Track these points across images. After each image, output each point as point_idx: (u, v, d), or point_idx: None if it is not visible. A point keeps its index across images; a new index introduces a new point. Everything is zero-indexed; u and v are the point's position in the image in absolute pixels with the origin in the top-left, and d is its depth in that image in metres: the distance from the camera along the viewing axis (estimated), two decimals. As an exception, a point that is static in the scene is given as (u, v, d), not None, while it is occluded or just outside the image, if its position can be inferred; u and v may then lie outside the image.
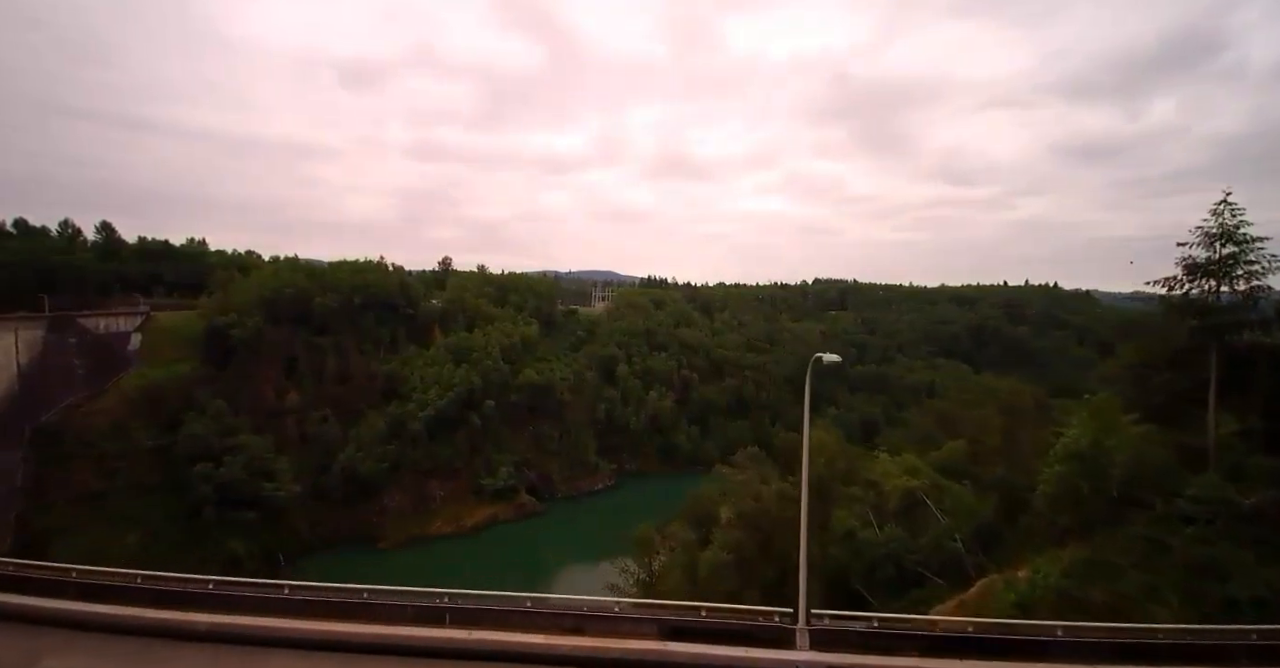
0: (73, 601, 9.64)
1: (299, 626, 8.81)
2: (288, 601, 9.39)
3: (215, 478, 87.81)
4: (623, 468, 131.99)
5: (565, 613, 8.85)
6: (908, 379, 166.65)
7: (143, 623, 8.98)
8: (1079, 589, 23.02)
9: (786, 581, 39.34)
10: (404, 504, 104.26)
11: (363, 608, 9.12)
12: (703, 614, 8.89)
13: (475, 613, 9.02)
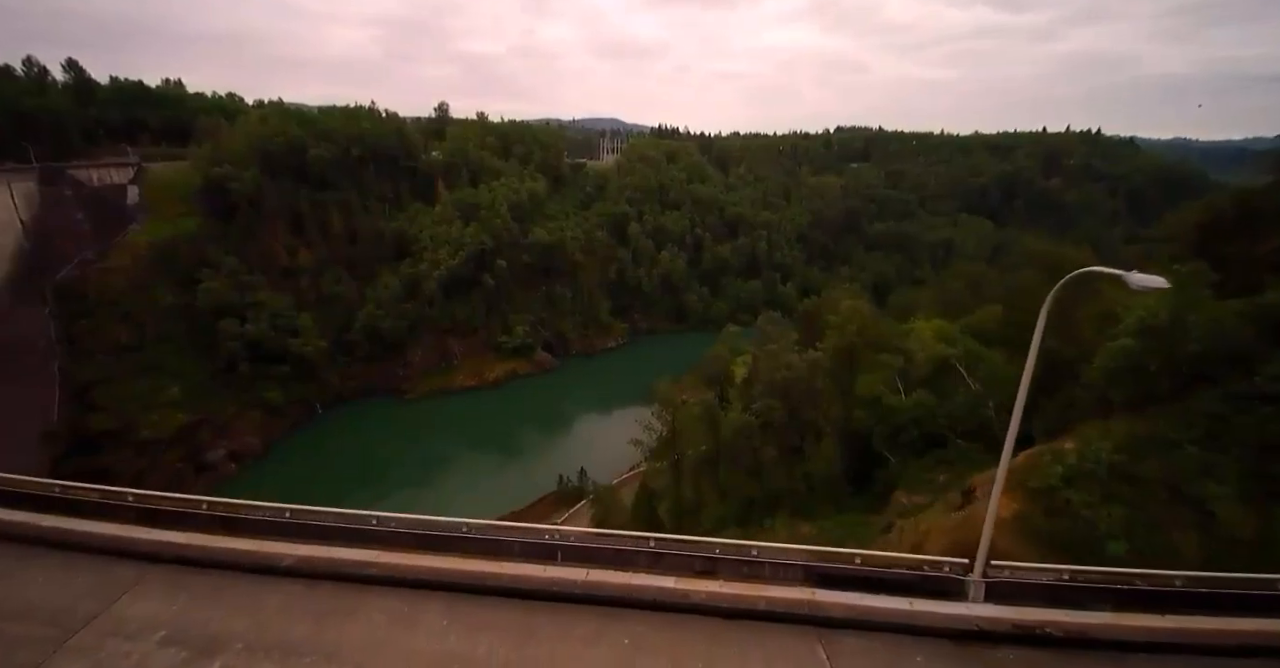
0: (133, 526, 8.38)
1: (396, 560, 7.69)
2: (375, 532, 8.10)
3: (243, 335, 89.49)
4: (635, 327, 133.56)
5: (695, 556, 7.52)
6: (927, 237, 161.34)
7: (219, 556, 7.82)
8: (1131, 464, 22.59)
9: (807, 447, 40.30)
10: (426, 360, 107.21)
11: (462, 543, 7.87)
12: (856, 562, 7.54)
13: (590, 552, 7.74)
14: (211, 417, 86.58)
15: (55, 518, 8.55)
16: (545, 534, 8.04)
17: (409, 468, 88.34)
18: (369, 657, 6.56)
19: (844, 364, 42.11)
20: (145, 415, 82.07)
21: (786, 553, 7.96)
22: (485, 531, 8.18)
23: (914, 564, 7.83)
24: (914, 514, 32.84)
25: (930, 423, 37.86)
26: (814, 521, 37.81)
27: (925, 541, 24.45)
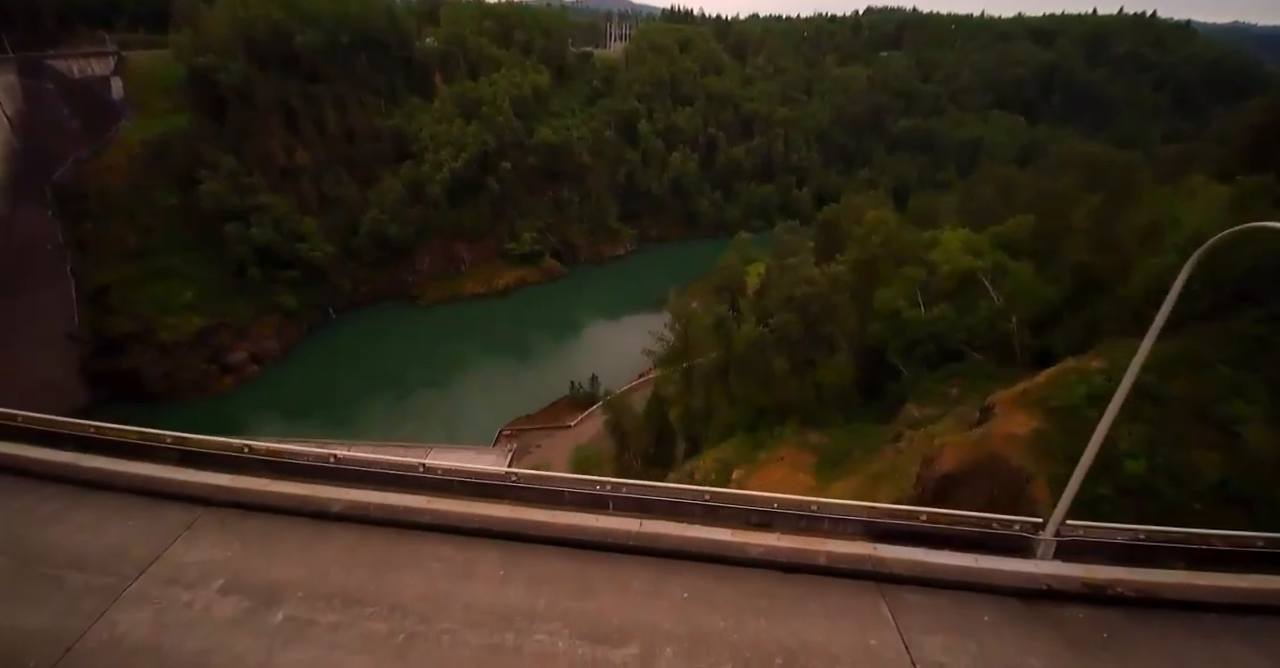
0: (176, 467, 8.16)
1: (447, 507, 7.40)
2: (423, 479, 7.84)
3: (250, 239, 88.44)
4: (644, 234, 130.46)
5: (752, 509, 7.23)
6: (955, 135, 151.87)
7: (269, 500, 7.65)
8: (1159, 384, 22.29)
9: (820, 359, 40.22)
10: (435, 266, 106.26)
11: (511, 491, 7.58)
12: (922, 519, 7.22)
13: (643, 504, 7.47)
14: (229, 320, 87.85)
15: (97, 458, 8.39)
16: (597, 485, 7.82)
17: (426, 370, 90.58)
18: (431, 608, 6.57)
19: (864, 277, 41.09)
20: (163, 319, 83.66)
21: (847, 509, 7.73)
22: (534, 480, 7.97)
23: (982, 522, 7.57)
24: (924, 426, 33.39)
25: (948, 337, 37.52)
26: (823, 429, 38.67)
27: (939, 455, 24.89)
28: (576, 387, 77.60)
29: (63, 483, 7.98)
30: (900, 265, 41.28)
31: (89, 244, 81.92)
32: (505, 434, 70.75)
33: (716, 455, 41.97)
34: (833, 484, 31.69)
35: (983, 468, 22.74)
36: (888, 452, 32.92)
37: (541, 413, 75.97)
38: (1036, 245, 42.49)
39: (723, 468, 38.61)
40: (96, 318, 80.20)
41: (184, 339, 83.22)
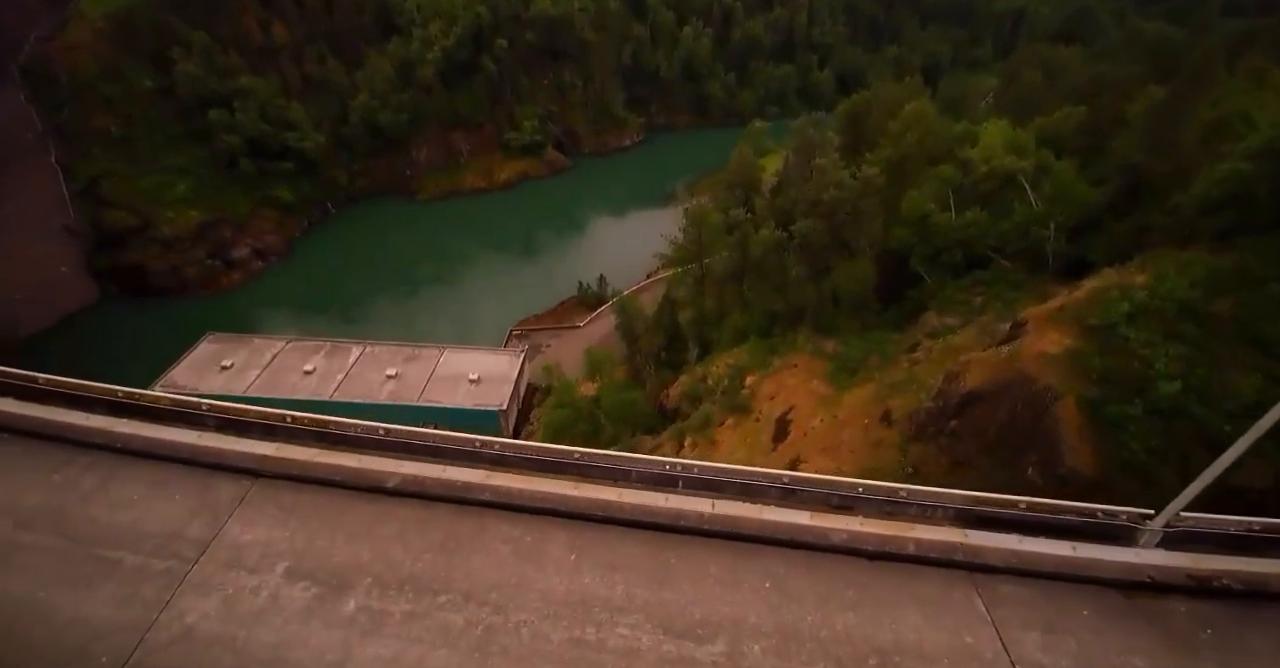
0: (216, 434, 7.59)
1: (509, 484, 6.91)
2: (478, 454, 7.27)
3: (237, 128, 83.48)
4: (651, 122, 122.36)
5: (832, 493, 6.69)
6: (995, 5, 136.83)
7: (320, 472, 7.21)
8: (1204, 303, 21.38)
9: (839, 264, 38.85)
10: (432, 158, 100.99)
11: (575, 468, 7.05)
12: (1020, 507, 6.65)
13: (715, 484, 6.95)
14: (226, 215, 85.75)
15: (132, 423, 7.85)
16: (665, 465, 7.29)
17: (432, 267, 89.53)
18: (505, 596, 6.32)
19: (893, 177, 38.57)
20: (161, 213, 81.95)
21: (938, 496, 7.22)
22: (598, 459, 7.43)
23: (1086, 512, 7.08)
24: (943, 336, 32.92)
25: (978, 244, 35.90)
26: (838, 337, 38.31)
27: (964, 371, 24.61)
28: (584, 287, 76.84)
29: (99, 450, 7.51)
30: (934, 165, 38.51)
31: (70, 133, 78.01)
32: (515, 334, 71.22)
33: (729, 361, 42.08)
34: (847, 393, 31.90)
35: (1008, 386, 22.56)
36: (904, 361, 32.72)
37: (550, 313, 75.94)
38: (1083, 141, 39.38)
39: (736, 374, 38.81)
40: (93, 212, 78.69)
41: (184, 234, 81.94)
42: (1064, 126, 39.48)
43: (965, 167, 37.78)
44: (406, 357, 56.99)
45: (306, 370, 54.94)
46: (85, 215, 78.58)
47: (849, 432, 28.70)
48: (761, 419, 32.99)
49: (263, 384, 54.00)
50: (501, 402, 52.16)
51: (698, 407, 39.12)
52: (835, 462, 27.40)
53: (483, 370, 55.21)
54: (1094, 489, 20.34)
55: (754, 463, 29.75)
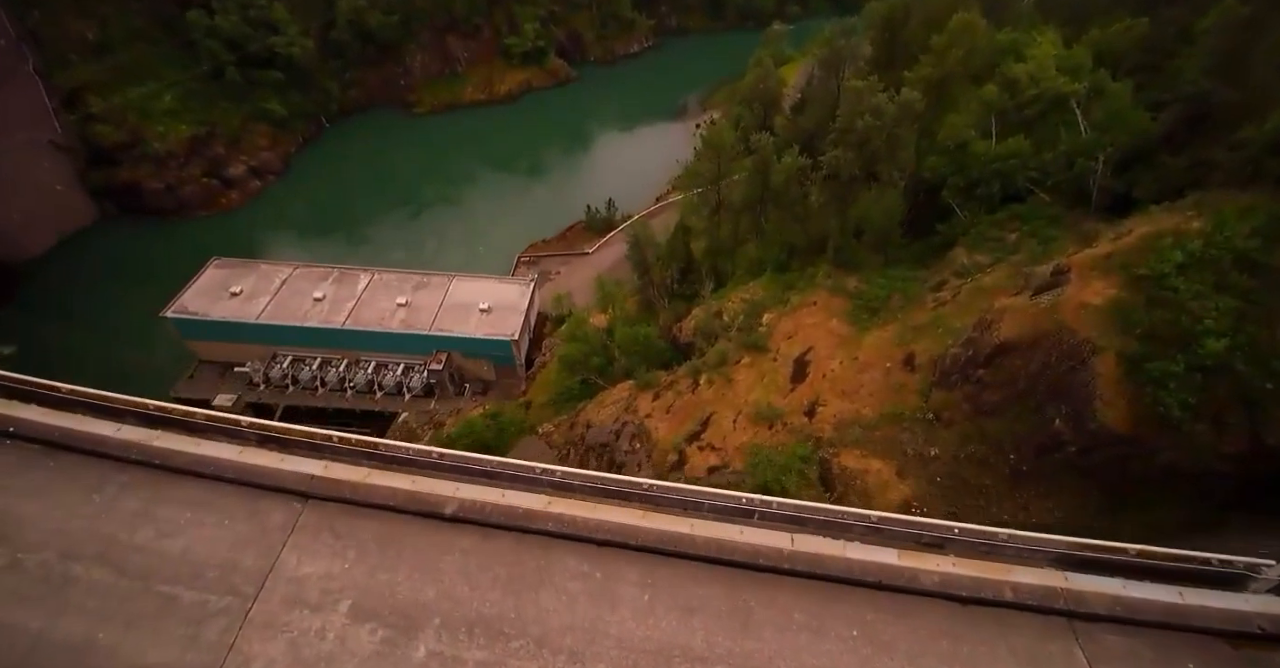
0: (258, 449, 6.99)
1: (573, 512, 6.41)
2: (541, 480, 6.65)
3: (218, 31, 77.55)
4: (662, 24, 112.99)
5: (924, 533, 6.11)
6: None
7: (374, 495, 6.71)
8: (1262, 253, 20.09)
9: (866, 195, 36.69)
10: (428, 66, 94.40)
11: (645, 499, 6.44)
12: (1130, 554, 6.08)
13: (794, 519, 6.35)
14: (217, 129, 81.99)
15: (168, 437, 7.25)
16: (743, 500, 6.69)
17: (436, 186, 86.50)
18: (581, 642, 5.91)
19: (932, 99, 35.59)
20: (150, 126, 78.58)
21: (1040, 542, 6.65)
22: (670, 490, 6.83)
23: (1199, 561, 6.52)
24: (972, 275, 31.67)
25: (1017, 175, 33.69)
26: (860, 272, 37.05)
27: (998, 321, 23.72)
28: (593, 211, 74.20)
29: (136, 467, 6.96)
30: (976, 83, 35.33)
31: (45, 40, 72.85)
32: (523, 261, 69.76)
33: (744, 295, 41.09)
34: (868, 334, 31.18)
35: (1045, 337, 21.78)
36: (929, 301, 31.67)
37: (558, 239, 73.94)
38: (1140, 59, 35.90)
39: (752, 310, 37.96)
40: (80, 126, 75.49)
41: (176, 150, 78.96)
42: (1121, 41, 35.79)
43: (1011, 87, 34.70)
44: (416, 284, 56.11)
45: (316, 297, 54.33)
46: (72, 130, 75.52)
47: (869, 375, 28.31)
48: (779, 359, 32.56)
49: (273, 311, 53.65)
50: (513, 331, 51.89)
51: (712, 342, 38.64)
52: (855, 405, 27.24)
53: (493, 299, 54.51)
54: (1121, 444, 20.17)
55: (770, 403, 29.68)
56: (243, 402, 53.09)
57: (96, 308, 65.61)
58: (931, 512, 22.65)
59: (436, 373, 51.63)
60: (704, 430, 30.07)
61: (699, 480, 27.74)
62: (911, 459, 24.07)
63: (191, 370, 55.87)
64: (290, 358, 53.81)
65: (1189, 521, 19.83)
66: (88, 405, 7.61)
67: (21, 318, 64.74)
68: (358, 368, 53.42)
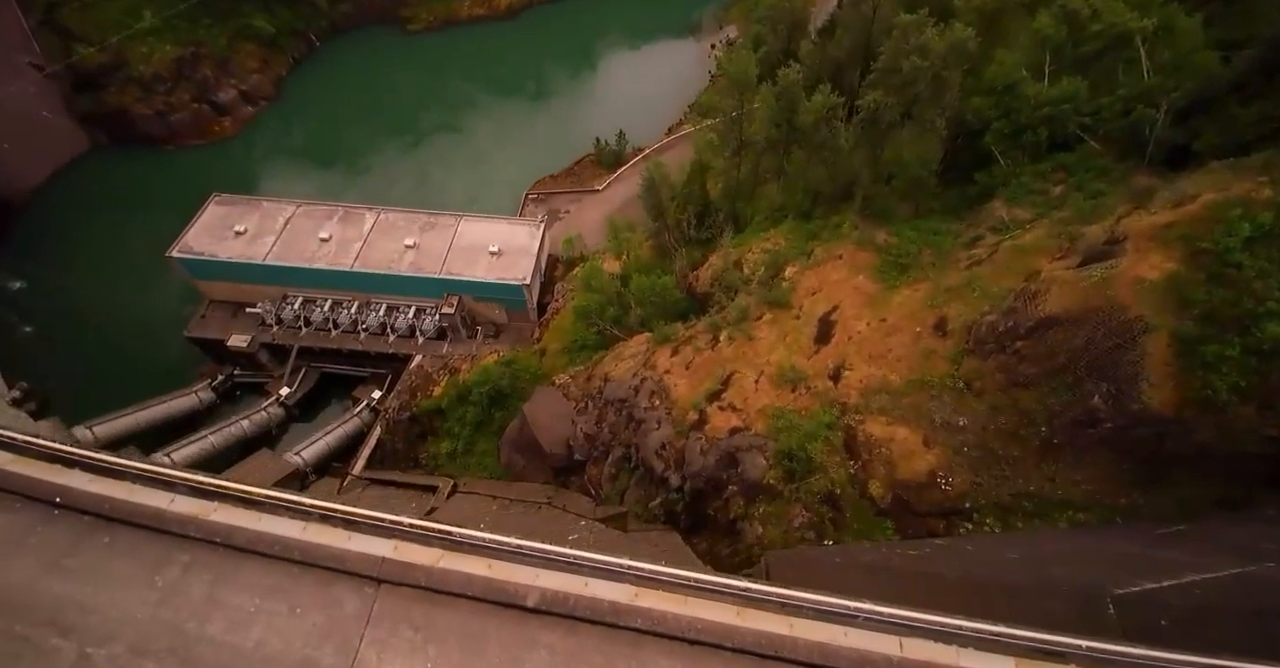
0: (322, 527, 6.31)
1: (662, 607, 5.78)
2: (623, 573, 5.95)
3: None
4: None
5: (1045, 644, 5.45)
6: None
7: (449, 582, 6.02)
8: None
9: (903, 138, 34.13)
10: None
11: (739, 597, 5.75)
12: None
13: (901, 626, 5.67)
14: (204, 50, 76.97)
15: (225, 510, 6.53)
16: (848, 606, 6.00)
17: (436, 113, 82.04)
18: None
19: (981, 32, 32.27)
20: (133, 47, 73.88)
21: (1173, 662, 5.95)
22: (769, 593, 6.13)
23: None
24: (1010, 232, 29.97)
25: (1068, 121, 31.09)
26: (888, 223, 35.20)
27: (1045, 292, 22.45)
28: (602, 144, 70.37)
29: (196, 545, 6.29)
30: (1032, 18, 31.86)
31: (4, -54, 66.69)
32: (531, 198, 67.04)
33: (765, 245, 39.36)
34: (897, 293, 29.90)
35: (1093, 313, 20.65)
36: (962, 258, 30.12)
37: (566, 173, 70.66)
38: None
39: (773, 262, 36.42)
40: (60, 47, 71.11)
41: (163, 72, 74.70)
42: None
43: (1070, 20, 31.31)
44: (423, 225, 54.20)
45: (323, 238, 52.72)
46: (53, 52, 71.13)
47: (898, 339, 27.37)
48: (802, 317, 31.50)
49: (280, 251, 52.24)
50: (525, 276, 50.64)
51: (730, 294, 37.50)
52: (882, 370, 26.52)
53: (503, 242, 52.81)
54: (1164, 425, 19.57)
55: (794, 365, 28.98)
56: (257, 342, 52.88)
57: (98, 242, 64.09)
58: (956, 482, 22.54)
59: (449, 317, 50.90)
60: (725, 390, 29.57)
61: (720, 441, 27.63)
62: (939, 428, 23.65)
63: (203, 310, 55.18)
64: (301, 299, 52.94)
65: (1220, 498, 19.61)
66: (138, 475, 6.90)
67: (24, 252, 63.43)
68: (369, 310, 52.65)
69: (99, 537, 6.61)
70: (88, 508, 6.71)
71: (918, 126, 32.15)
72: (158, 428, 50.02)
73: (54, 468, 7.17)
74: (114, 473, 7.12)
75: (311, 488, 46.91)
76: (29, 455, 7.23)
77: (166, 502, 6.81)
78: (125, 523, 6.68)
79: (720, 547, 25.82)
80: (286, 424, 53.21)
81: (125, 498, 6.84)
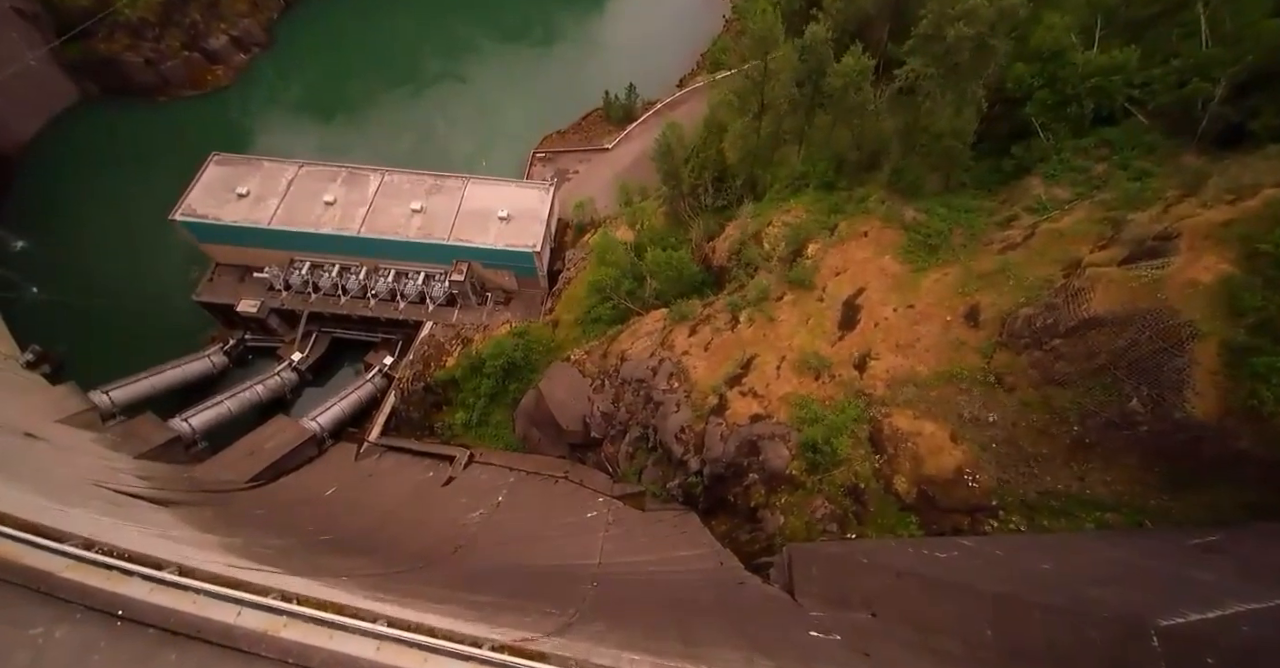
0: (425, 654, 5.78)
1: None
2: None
3: None
4: None
5: None
6: None
7: None
8: None
9: (938, 108, 31.89)
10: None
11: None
12: None
13: None
14: (186, -10, 72.36)
15: (298, 626, 5.96)
16: None
17: (435, 60, 78.00)
18: None
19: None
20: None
21: None
22: None
23: None
24: (1048, 213, 28.58)
25: (1116, 93, 29.08)
26: (917, 199, 33.65)
27: (1090, 290, 21.42)
28: (611, 97, 66.92)
29: (271, 665, 5.76)
30: (1088, -24, 29.20)
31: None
32: (538, 157, 64.43)
33: (785, 218, 37.74)
34: (925, 277, 28.77)
35: (1140, 315, 19.74)
36: (995, 241, 28.82)
37: (575, 129, 67.64)
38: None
39: (795, 237, 34.97)
40: None
41: (150, 17, 70.88)
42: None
43: (1129, -21, 28.74)
44: (429, 188, 52.25)
45: (327, 201, 50.98)
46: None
47: (926, 328, 26.54)
48: (826, 299, 30.53)
49: (285, 215, 50.64)
50: (535, 242, 49.21)
51: (750, 271, 36.35)
52: (909, 361, 25.84)
53: (512, 206, 51.03)
54: (1203, 431, 19.05)
55: (818, 351, 28.28)
56: (267, 307, 52.07)
57: (98, 200, 62.16)
58: (982, 479, 22.30)
59: (458, 284, 49.81)
60: (745, 374, 29.01)
61: (741, 428, 27.29)
62: (967, 423, 23.22)
63: (210, 274, 54.05)
64: (309, 264, 51.73)
65: (1250, 503, 19.35)
66: (209, 593, 6.33)
67: (23, 211, 61.65)
68: (378, 276, 51.52)
69: (166, 654, 6.13)
70: (152, 622, 6.20)
71: (956, 97, 30.01)
72: (173, 392, 49.97)
73: (110, 575, 6.61)
74: (176, 585, 6.56)
75: (329, 453, 47.36)
76: (84, 563, 6.66)
77: (234, 616, 6.31)
78: (194, 639, 6.18)
79: (740, 532, 25.94)
80: (300, 389, 53.12)
81: (192, 612, 6.32)
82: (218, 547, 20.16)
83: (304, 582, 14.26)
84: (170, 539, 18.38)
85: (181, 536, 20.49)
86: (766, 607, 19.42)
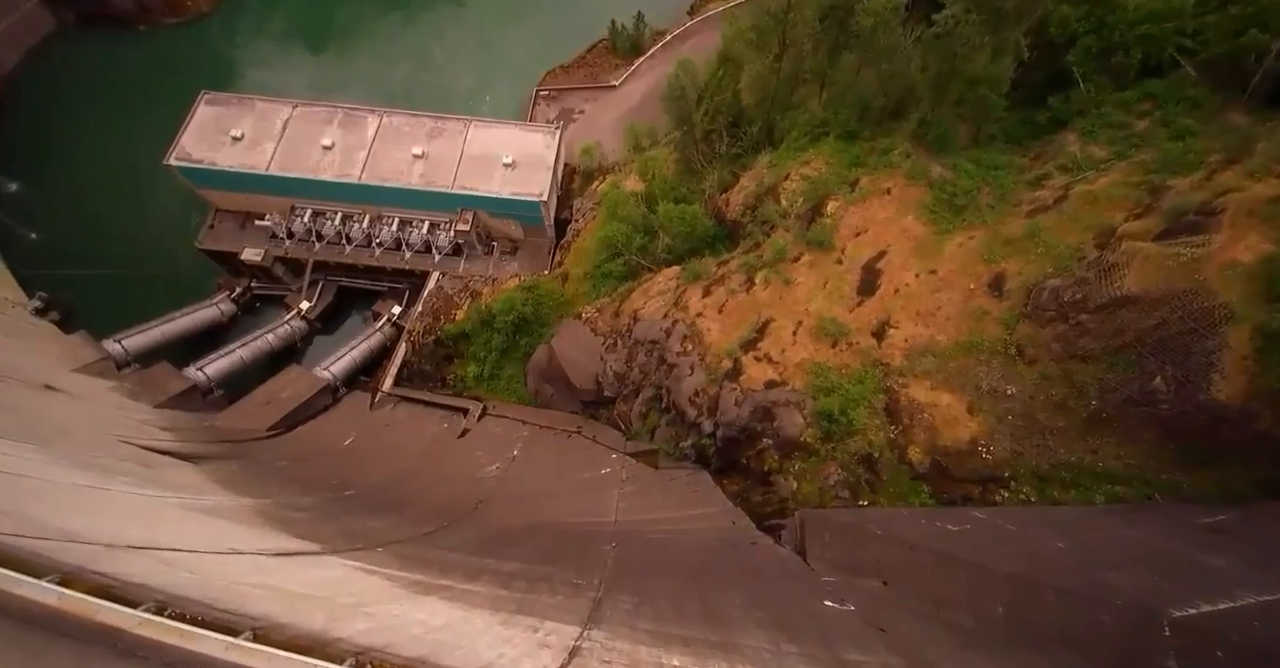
0: None
1: None
2: None
3: None
4: None
5: None
6: None
7: None
8: None
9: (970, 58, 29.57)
10: None
11: None
12: None
13: None
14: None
15: None
16: None
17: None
18: None
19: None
20: None
21: None
22: None
23: None
24: (1082, 173, 27.18)
25: (1166, 42, 26.92)
26: (944, 153, 31.98)
27: (1126, 266, 20.60)
28: (618, 28, 62.37)
29: None
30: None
31: None
32: (542, 95, 60.95)
33: (804, 170, 36.00)
34: (949, 239, 27.73)
35: (1174, 295, 19.09)
36: (1024, 202, 27.55)
37: (579, 64, 63.55)
38: None
39: (813, 193, 33.51)
40: None
41: None
42: None
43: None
44: (430, 131, 49.80)
45: (325, 145, 48.79)
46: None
47: (948, 295, 25.88)
48: (845, 262, 29.63)
49: (282, 160, 48.60)
50: (542, 190, 47.46)
51: (763, 227, 35.15)
52: (929, 330, 25.40)
53: (516, 151, 48.83)
54: (1225, 411, 18.93)
55: (835, 317, 27.78)
56: (270, 255, 51.03)
57: (89, 138, 59.47)
58: (996, 451, 22.50)
59: (464, 234, 48.50)
60: (760, 338, 28.68)
61: (755, 393, 27.29)
62: (984, 395, 23.14)
63: (211, 220, 52.54)
64: (310, 211, 50.16)
65: (1260, 481, 19.57)
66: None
67: (12, 150, 59.10)
68: (382, 224, 50.09)
69: None
70: None
71: (995, 44, 27.77)
72: (183, 340, 49.89)
73: (184, 633, 6.42)
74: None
75: (343, 402, 47.92)
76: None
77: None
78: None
79: (752, 493, 26.53)
80: (310, 337, 53.02)
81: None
82: (253, 514, 20.65)
83: (347, 568, 14.56)
84: (214, 516, 18.74)
85: (218, 504, 20.93)
86: (782, 572, 20.08)
